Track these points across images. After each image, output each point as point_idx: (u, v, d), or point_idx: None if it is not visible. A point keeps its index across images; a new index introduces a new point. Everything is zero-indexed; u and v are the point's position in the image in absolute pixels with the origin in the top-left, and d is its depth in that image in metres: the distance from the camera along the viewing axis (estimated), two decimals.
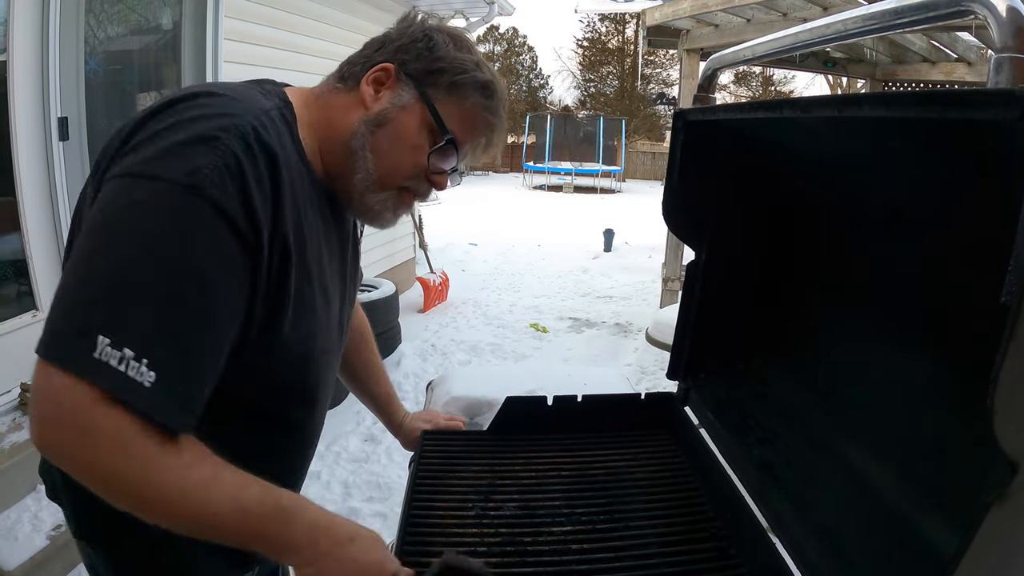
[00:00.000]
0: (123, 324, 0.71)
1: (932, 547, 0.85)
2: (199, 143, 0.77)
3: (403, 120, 0.97)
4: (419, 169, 0.99)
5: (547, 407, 1.53)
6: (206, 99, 0.84)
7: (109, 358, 0.70)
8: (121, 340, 0.71)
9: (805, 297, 1.36)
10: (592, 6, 22.75)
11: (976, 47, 5.99)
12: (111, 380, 0.70)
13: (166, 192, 0.75)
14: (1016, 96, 0.52)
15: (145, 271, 0.73)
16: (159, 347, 0.73)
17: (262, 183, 0.81)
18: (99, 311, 0.72)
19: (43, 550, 2.32)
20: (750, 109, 1.09)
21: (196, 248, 0.75)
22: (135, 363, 0.71)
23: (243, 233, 0.79)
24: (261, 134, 0.83)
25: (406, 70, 0.97)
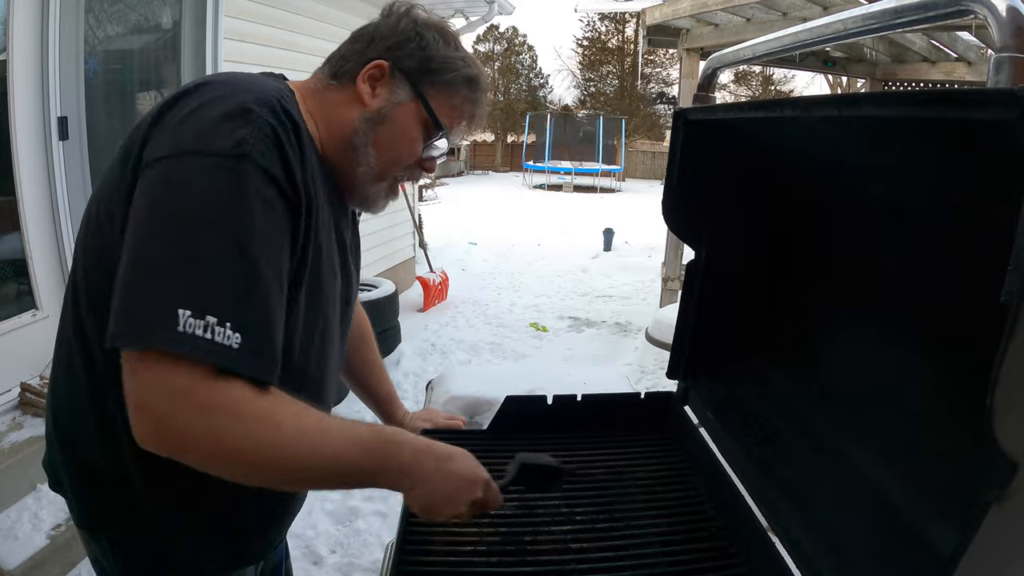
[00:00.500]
0: (200, 294, 0.75)
1: (932, 547, 0.85)
2: (236, 117, 0.82)
3: (401, 116, 1.02)
4: (415, 159, 1.06)
5: (547, 406, 1.53)
6: (224, 82, 0.89)
7: (195, 328, 0.73)
8: (202, 309, 0.74)
9: (805, 296, 1.36)
10: (592, 5, 22.76)
11: (976, 47, 5.98)
12: (203, 350, 0.74)
13: (217, 164, 0.79)
14: (1016, 96, 0.52)
15: (210, 240, 0.77)
16: (238, 309, 0.77)
17: (294, 149, 0.87)
18: (174, 286, 0.75)
19: (43, 549, 2.32)
20: (750, 108, 1.09)
21: (255, 212, 0.80)
22: (219, 328, 0.75)
23: (289, 196, 0.85)
24: (285, 105, 0.88)
25: (400, 67, 1.01)
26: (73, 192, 3.00)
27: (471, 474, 0.98)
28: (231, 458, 0.79)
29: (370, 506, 3.11)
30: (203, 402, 0.75)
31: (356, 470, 0.87)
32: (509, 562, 1.11)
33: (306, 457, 0.82)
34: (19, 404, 2.76)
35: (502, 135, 31.12)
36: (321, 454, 0.83)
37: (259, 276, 0.79)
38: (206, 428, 0.76)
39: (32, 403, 2.74)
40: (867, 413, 1.11)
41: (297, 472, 0.84)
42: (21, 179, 2.81)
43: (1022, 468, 0.56)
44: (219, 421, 0.76)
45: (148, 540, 1.00)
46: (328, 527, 2.94)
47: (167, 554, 1.01)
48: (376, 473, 0.89)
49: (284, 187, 0.84)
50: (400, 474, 0.91)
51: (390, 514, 3.01)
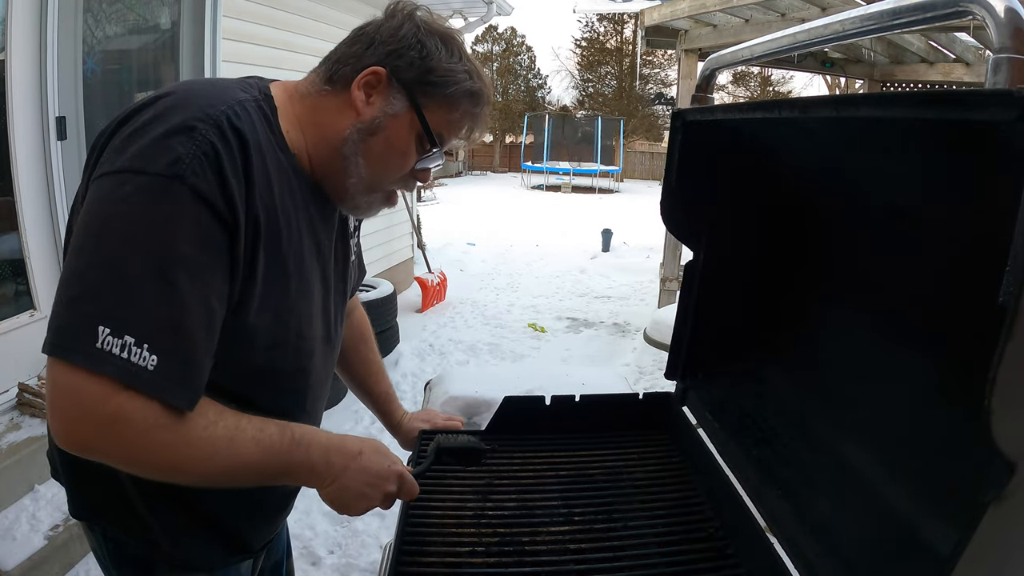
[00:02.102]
0: (120, 313, 0.76)
1: (930, 547, 0.85)
2: (178, 134, 0.81)
3: (394, 128, 0.99)
4: (408, 172, 1.03)
5: (545, 407, 1.53)
6: (183, 93, 0.88)
7: (112, 347, 0.75)
8: (121, 328, 0.75)
9: (803, 297, 1.36)
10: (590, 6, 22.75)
11: (974, 48, 5.99)
12: (116, 368, 0.75)
13: (151, 184, 0.78)
14: (1014, 97, 0.52)
15: (136, 260, 0.77)
16: (157, 331, 0.77)
17: (236, 167, 0.84)
18: (97, 303, 0.76)
19: (41, 550, 2.31)
20: (748, 109, 1.09)
21: (183, 234, 0.79)
22: (136, 348, 0.76)
23: (223, 216, 0.83)
24: (233, 120, 0.86)
25: (398, 77, 0.97)
26: (71, 192, 2.99)
27: (382, 468, 1.00)
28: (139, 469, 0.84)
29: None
30: (110, 415, 0.76)
31: (266, 471, 0.90)
32: (507, 563, 1.11)
33: (212, 463, 0.84)
34: (17, 404, 2.76)
35: (500, 136, 31.12)
36: (228, 460, 0.85)
37: (181, 299, 0.79)
38: (111, 440, 0.78)
39: (30, 403, 2.73)
40: (865, 413, 1.11)
41: (205, 477, 0.86)
42: (19, 179, 2.81)
43: (1020, 468, 0.56)
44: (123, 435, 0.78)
45: (137, 532, 1.01)
46: (326, 528, 2.94)
47: (157, 546, 1.01)
48: (285, 473, 0.92)
49: (219, 207, 0.82)
50: (311, 473, 0.94)
51: (388, 515, 3.01)
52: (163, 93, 0.88)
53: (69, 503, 1.06)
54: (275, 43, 4.49)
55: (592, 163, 23.32)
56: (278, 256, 0.93)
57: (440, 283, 7.05)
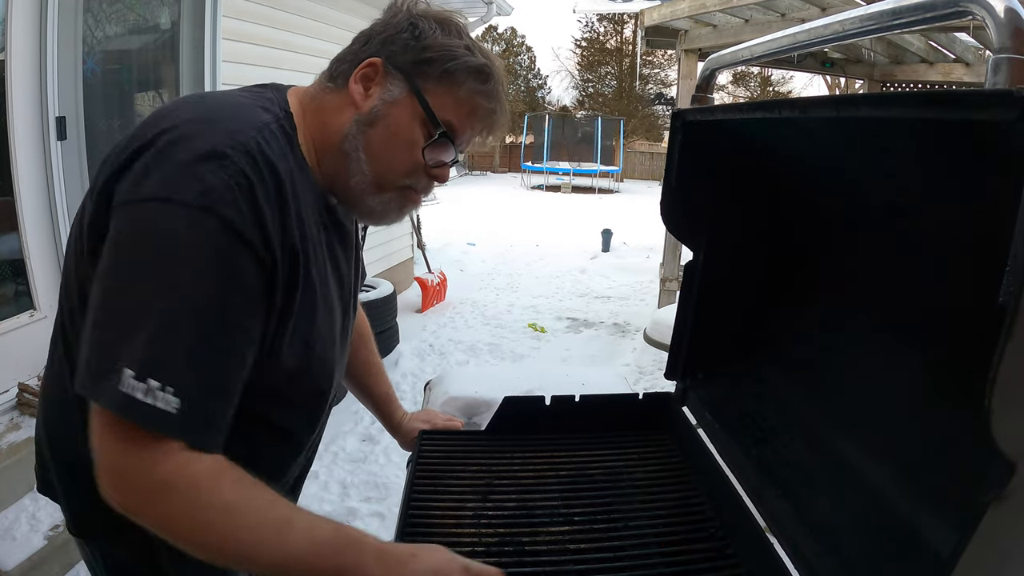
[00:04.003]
0: (145, 354, 0.73)
1: (930, 547, 0.85)
2: (208, 161, 0.77)
3: (395, 116, 0.93)
4: (416, 165, 0.95)
5: (545, 407, 1.53)
6: (203, 112, 0.84)
7: (135, 390, 0.72)
8: (145, 370, 0.72)
9: (803, 297, 1.36)
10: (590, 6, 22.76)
11: (974, 48, 6.00)
12: (139, 412, 0.72)
13: (180, 214, 0.74)
14: (1014, 97, 0.52)
15: (161, 297, 0.74)
16: (181, 373, 0.74)
17: (270, 199, 0.81)
18: (123, 343, 0.73)
19: (41, 550, 2.31)
20: (748, 109, 1.09)
21: (212, 269, 0.76)
22: (160, 392, 0.72)
23: (257, 250, 0.79)
24: (265, 149, 0.82)
25: (394, 63, 0.93)
26: (71, 192, 3.00)
27: (444, 562, 0.90)
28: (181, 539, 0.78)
29: (368, 507, 3.11)
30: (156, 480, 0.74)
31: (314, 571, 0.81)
32: (507, 563, 1.11)
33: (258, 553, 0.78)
34: (17, 404, 2.76)
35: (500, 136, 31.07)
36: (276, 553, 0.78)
37: (208, 338, 0.76)
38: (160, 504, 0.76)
39: (30, 404, 2.73)
40: (865, 413, 1.11)
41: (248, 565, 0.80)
42: (19, 179, 2.81)
43: (1020, 468, 0.56)
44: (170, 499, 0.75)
45: (133, 551, 0.99)
46: None
47: (153, 565, 1.00)
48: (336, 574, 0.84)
49: (254, 242, 0.79)
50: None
51: (388, 515, 3.01)
52: (177, 108, 0.84)
53: (68, 520, 1.03)
54: (275, 43, 4.49)
55: (592, 163, 23.32)
56: (310, 284, 0.91)
57: (440, 283, 7.05)
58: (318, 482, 3.30)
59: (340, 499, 3.18)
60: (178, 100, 0.88)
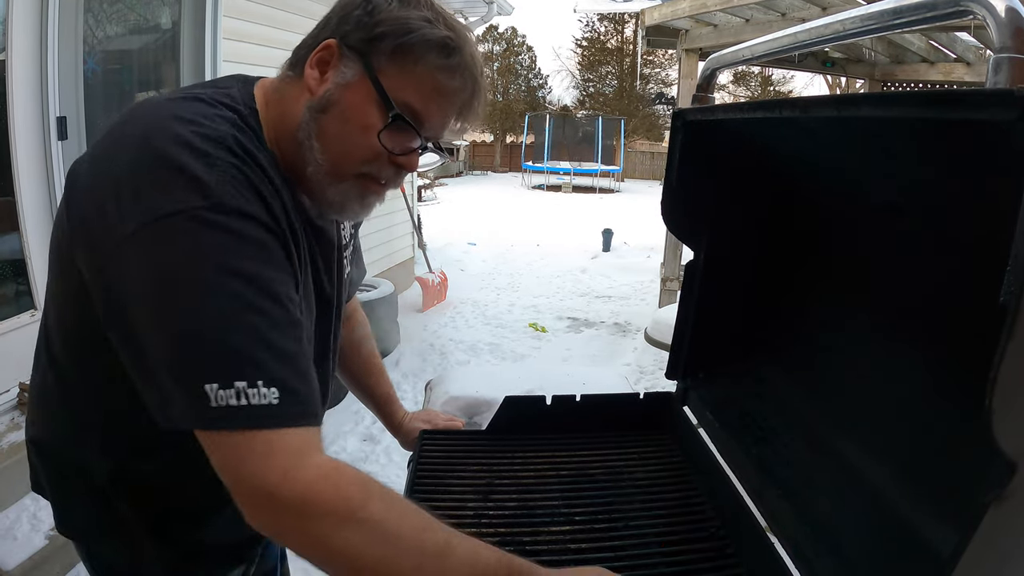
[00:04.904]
0: (219, 362, 0.71)
1: (930, 547, 0.85)
2: (192, 164, 0.74)
3: (348, 100, 0.85)
4: (374, 152, 0.87)
5: (546, 407, 1.53)
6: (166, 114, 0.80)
7: (227, 399, 0.69)
8: (227, 377, 0.70)
9: (804, 297, 1.36)
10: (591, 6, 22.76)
11: (975, 47, 5.99)
12: (243, 417, 0.70)
13: (192, 220, 0.72)
14: (1015, 96, 0.52)
15: (212, 302, 0.72)
16: (262, 364, 0.72)
17: (263, 184, 0.80)
18: (196, 367, 0.71)
19: (42, 550, 2.32)
20: (749, 109, 1.09)
21: (244, 258, 0.74)
22: (251, 390, 0.70)
23: (273, 229, 0.79)
24: (241, 140, 0.81)
25: (347, 43, 0.86)
26: None
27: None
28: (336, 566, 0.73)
29: None
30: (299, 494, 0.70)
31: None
32: None
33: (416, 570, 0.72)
34: (17, 404, 2.76)
35: (501, 135, 31.12)
36: None
37: (272, 320, 0.74)
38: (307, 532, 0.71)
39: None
40: (866, 413, 1.11)
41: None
42: (20, 179, 2.81)
43: (1021, 468, 0.56)
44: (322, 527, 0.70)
45: (117, 552, 1.00)
46: None
47: (136, 566, 1.00)
48: None
49: (264, 219, 0.77)
50: None
51: None
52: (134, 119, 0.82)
53: (56, 519, 1.02)
54: (275, 43, 4.48)
55: (593, 163, 23.31)
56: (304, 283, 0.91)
57: (441, 283, 7.05)
58: None
59: None
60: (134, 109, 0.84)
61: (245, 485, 0.71)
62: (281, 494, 0.70)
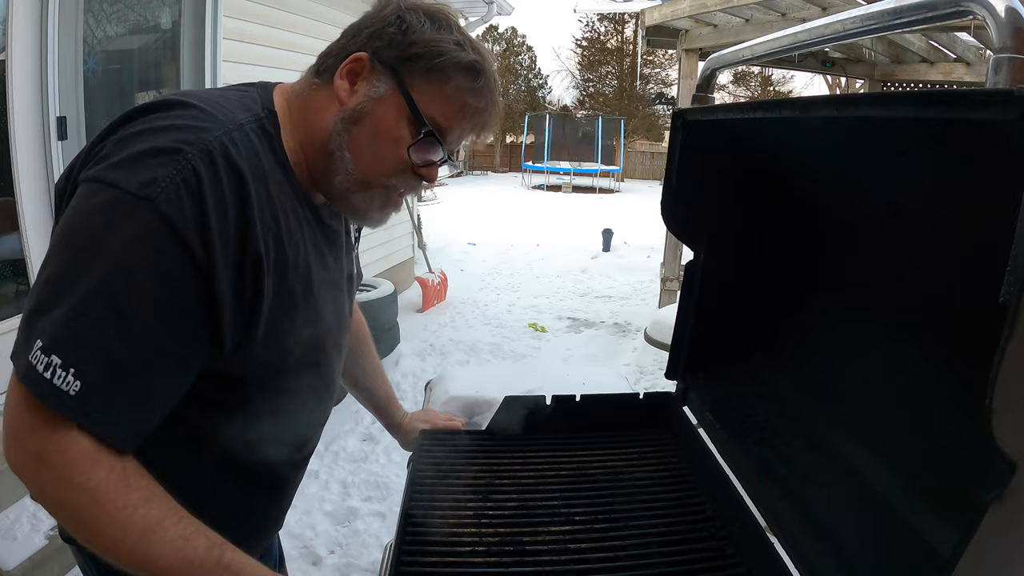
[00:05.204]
0: (55, 331, 0.72)
1: (930, 547, 0.85)
2: (161, 154, 0.75)
3: (380, 114, 0.89)
4: (403, 164, 0.91)
5: (546, 407, 1.53)
6: (179, 109, 0.82)
7: (39, 363, 0.72)
8: (51, 346, 0.72)
9: (804, 297, 1.36)
10: (591, 6, 22.76)
11: (975, 47, 5.99)
12: (38, 384, 0.72)
13: (119, 201, 0.73)
14: (1015, 96, 0.52)
15: (84, 279, 0.73)
16: (88, 358, 0.73)
17: (223, 201, 0.78)
18: (40, 316, 0.73)
19: (41, 550, 2.32)
20: (749, 109, 1.09)
21: (138, 260, 0.74)
22: (61, 371, 0.72)
23: (194, 251, 0.76)
24: (229, 150, 0.80)
25: (380, 58, 0.89)
26: None
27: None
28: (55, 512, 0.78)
29: (369, 507, 3.11)
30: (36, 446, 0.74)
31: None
32: (508, 562, 1.11)
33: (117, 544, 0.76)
34: None
35: (501, 135, 31.11)
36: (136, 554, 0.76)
37: (124, 330, 0.74)
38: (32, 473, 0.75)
39: None
40: (866, 413, 1.11)
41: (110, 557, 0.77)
42: (20, 179, 2.81)
43: (1021, 468, 0.56)
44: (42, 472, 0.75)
45: None
46: (327, 527, 2.94)
47: None
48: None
49: (191, 241, 0.75)
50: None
51: (389, 515, 3.01)
52: (158, 103, 0.83)
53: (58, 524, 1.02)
54: (276, 43, 4.49)
55: (593, 163, 23.32)
56: (285, 288, 0.89)
57: (441, 283, 7.05)
58: (318, 481, 3.30)
59: (341, 499, 3.18)
60: (163, 97, 0.86)
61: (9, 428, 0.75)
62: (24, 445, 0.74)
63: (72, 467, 0.74)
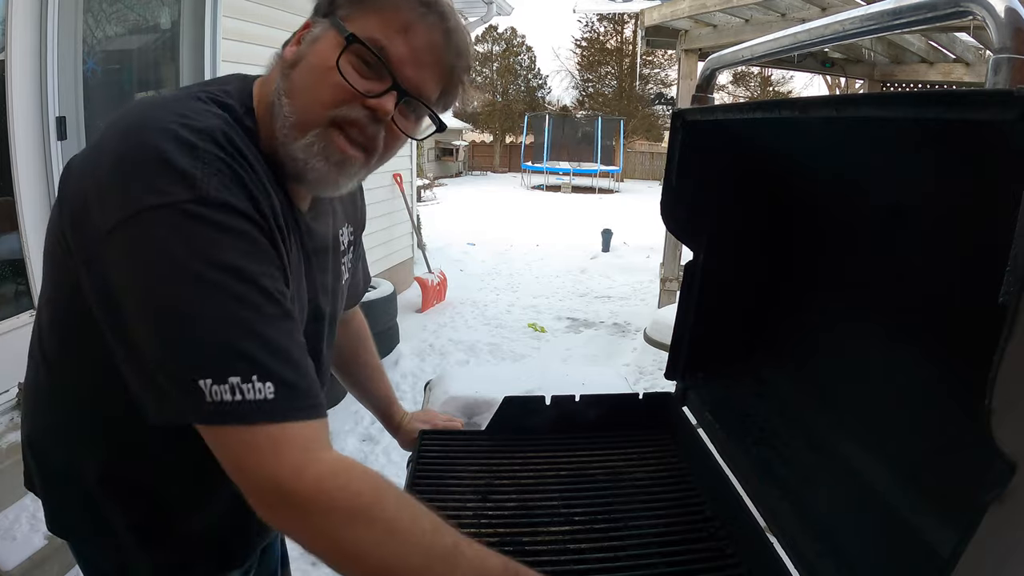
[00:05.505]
0: (212, 358, 0.70)
1: (930, 547, 0.86)
2: (181, 156, 0.73)
3: (315, 50, 0.85)
4: (339, 88, 0.83)
5: (545, 407, 1.53)
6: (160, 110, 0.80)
7: (222, 395, 0.69)
8: (220, 373, 0.70)
9: (803, 297, 1.36)
10: (591, 6, 22.77)
11: (974, 48, 5.99)
12: (239, 412, 0.70)
13: (177, 213, 0.71)
14: (1014, 96, 0.52)
15: (200, 297, 0.71)
16: (257, 358, 0.72)
17: (250, 178, 0.79)
18: (188, 361, 0.70)
19: (41, 550, 2.31)
20: (748, 109, 1.09)
21: (231, 252, 0.73)
22: (246, 385, 0.70)
23: (259, 224, 0.77)
24: (231, 135, 0.80)
25: (318, 12, 0.88)
26: None
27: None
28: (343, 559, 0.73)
29: None
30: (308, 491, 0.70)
31: None
32: None
33: None
34: (17, 404, 2.76)
35: (500, 136, 31.14)
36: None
37: (261, 316, 0.73)
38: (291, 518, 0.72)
39: None
40: (866, 413, 1.11)
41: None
42: (19, 179, 2.81)
43: (1021, 468, 0.56)
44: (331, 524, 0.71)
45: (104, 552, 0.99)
46: None
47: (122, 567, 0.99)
48: None
49: (254, 216, 0.76)
50: None
51: None
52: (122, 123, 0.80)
53: (47, 516, 1.02)
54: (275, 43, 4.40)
55: (592, 163, 23.33)
56: None
57: (440, 283, 7.05)
58: None
59: None
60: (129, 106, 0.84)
61: (252, 481, 0.71)
62: (290, 489, 0.70)
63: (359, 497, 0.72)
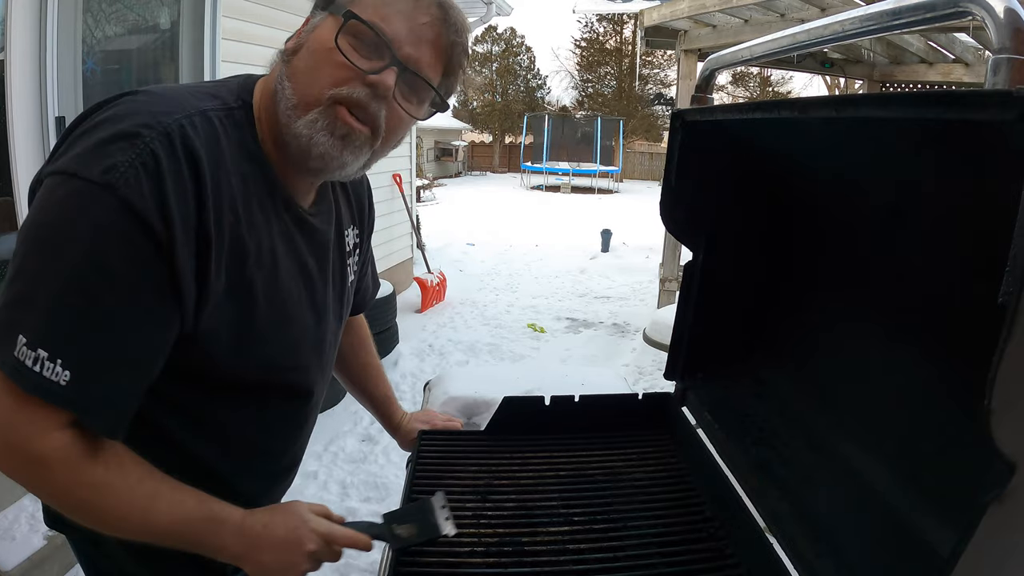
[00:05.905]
0: (37, 325, 0.73)
1: (929, 547, 0.85)
2: (120, 140, 0.76)
3: (315, 35, 0.89)
4: (339, 66, 0.86)
5: (544, 407, 1.53)
6: (143, 96, 0.83)
7: (26, 357, 0.73)
8: (36, 340, 0.73)
9: (803, 297, 1.36)
10: (590, 7, 22.77)
11: (973, 48, 6.00)
12: (29, 380, 0.73)
13: (81, 190, 0.74)
14: (1014, 97, 0.52)
15: (57, 271, 0.74)
16: (72, 347, 0.74)
17: (182, 183, 0.78)
18: (18, 311, 0.74)
19: (40, 550, 2.31)
20: (748, 110, 1.09)
21: (107, 247, 0.75)
22: (49, 363, 0.73)
23: (156, 232, 0.76)
24: (188, 133, 0.80)
25: (317, 7, 0.92)
26: None
27: (289, 532, 0.93)
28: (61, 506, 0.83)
29: (368, 507, 3.10)
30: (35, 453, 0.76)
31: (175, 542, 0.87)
32: (506, 563, 1.11)
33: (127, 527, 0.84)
34: None
35: (500, 136, 31.15)
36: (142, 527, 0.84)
37: (103, 316, 0.75)
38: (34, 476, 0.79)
39: None
40: (865, 413, 1.11)
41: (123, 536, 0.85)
42: (19, 179, 2.81)
43: (1020, 468, 0.56)
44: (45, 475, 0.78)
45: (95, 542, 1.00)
46: None
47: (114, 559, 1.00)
48: (195, 548, 0.88)
49: (153, 223, 0.76)
50: (223, 552, 0.90)
51: None
52: (121, 94, 0.84)
53: (43, 512, 1.04)
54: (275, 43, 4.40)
55: (591, 163, 23.34)
56: (243, 279, 0.88)
57: (439, 283, 7.05)
58: (317, 482, 3.30)
59: (340, 499, 3.18)
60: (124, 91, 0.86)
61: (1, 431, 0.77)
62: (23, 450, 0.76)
63: (75, 467, 0.78)
